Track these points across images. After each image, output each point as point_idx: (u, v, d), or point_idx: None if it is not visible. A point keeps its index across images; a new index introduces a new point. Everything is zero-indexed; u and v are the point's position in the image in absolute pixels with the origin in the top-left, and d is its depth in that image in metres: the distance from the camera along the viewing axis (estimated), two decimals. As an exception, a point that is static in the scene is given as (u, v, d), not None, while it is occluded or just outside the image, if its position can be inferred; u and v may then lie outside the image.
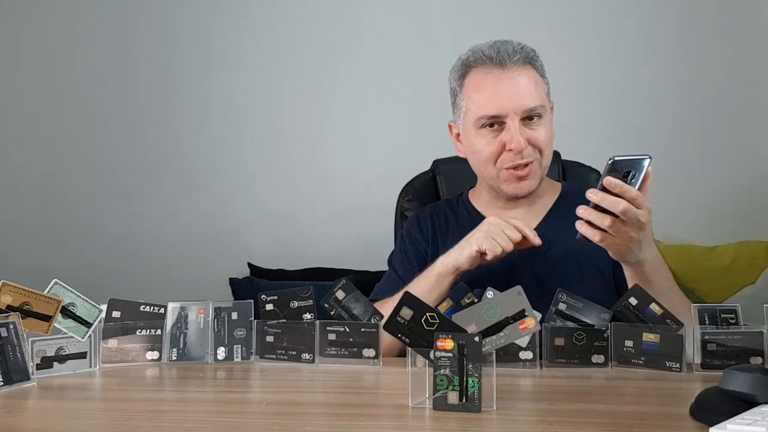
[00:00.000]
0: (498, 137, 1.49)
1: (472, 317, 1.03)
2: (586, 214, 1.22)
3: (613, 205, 1.19)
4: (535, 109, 1.48)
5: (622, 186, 1.19)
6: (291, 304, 1.32)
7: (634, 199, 1.20)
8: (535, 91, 1.49)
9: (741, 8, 2.96)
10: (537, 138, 1.49)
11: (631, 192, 1.20)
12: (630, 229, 1.22)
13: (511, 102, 1.47)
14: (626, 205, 1.19)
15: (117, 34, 3.27)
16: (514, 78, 1.48)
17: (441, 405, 0.94)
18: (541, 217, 1.58)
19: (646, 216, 1.22)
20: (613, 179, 1.19)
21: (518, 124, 1.47)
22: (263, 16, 3.21)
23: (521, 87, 1.48)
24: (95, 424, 0.99)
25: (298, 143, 3.18)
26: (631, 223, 1.21)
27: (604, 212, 1.21)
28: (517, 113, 1.47)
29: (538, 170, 1.52)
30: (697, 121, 2.96)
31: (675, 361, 1.17)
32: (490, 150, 1.50)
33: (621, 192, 1.19)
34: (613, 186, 1.19)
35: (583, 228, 1.23)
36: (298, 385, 1.17)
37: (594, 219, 1.22)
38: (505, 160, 1.50)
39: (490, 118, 1.49)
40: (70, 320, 1.24)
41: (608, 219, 1.21)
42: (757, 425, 0.76)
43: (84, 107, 3.28)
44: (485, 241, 1.38)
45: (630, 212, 1.20)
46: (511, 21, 2.90)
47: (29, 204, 3.26)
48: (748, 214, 2.89)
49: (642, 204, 1.21)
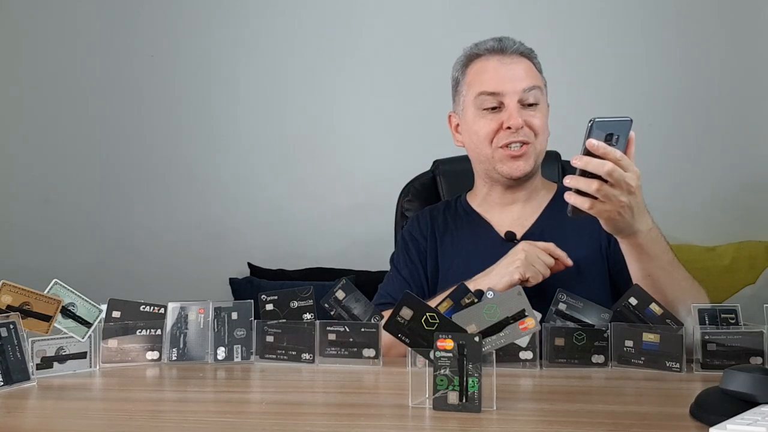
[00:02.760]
0: (497, 117, 1.54)
1: (472, 317, 1.03)
2: (573, 182, 1.18)
3: (598, 167, 1.15)
4: (532, 92, 1.53)
5: (605, 147, 1.15)
6: (291, 304, 1.32)
7: (618, 160, 1.16)
8: (534, 79, 1.56)
9: (741, 8, 2.97)
10: (533, 121, 1.53)
11: (615, 153, 1.16)
12: (619, 192, 1.18)
13: (510, 83, 1.53)
14: (611, 166, 1.15)
15: (117, 34, 3.27)
16: (514, 63, 1.55)
17: (441, 405, 0.94)
18: (536, 215, 1.60)
19: (634, 179, 1.18)
20: (596, 141, 1.15)
21: (516, 104, 1.52)
22: (264, 16, 3.21)
23: (520, 72, 1.55)
24: (95, 424, 0.99)
25: (299, 143, 3.18)
26: (618, 185, 1.17)
27: (591, 178, 1.17)
28: (516, 93, 1.52)
29: (533, 153, 1.55)
30: (696, 122, 2.96)
31: (675, 361, 1.17)
32: (488, 128, 1.54)
33: (604, 153, 1.15)
34: (595, 148, 1.15)
35: (572, 198, 1.19)
36: (298, 385, 1.17)
37: (581, 185, 1.17)
38: (501, 138, 1.54)
39: (489, 94, 1.54)
40: (70, 320, 1.24)
41: (595, 183, 1.16)
42: (757, 425, 0.76)
43: (84, 107, 3.28)
44: (528, 269, 1.38)
45: (616, 173, 1.15)
46: (511, 21, 2.90)
47: (29, 204, 3.27)
48: (748, 214, 2.90)
49: (628, 166, 1.17)
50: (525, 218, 1.60)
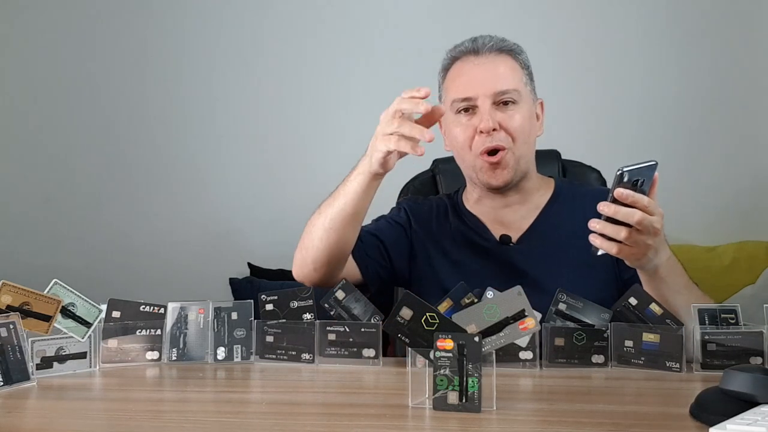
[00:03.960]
0: (471, 122, 1.50)
1: (472, 317, 1.03)
2: (599, 227, 1.20)
3: (628, 216, 1.17)
4: (506, 93, 1.49)
5: (633, 196, 1.17)
6: (291, 304, 1.32)
7: (646, 207, 1.19)
8: (510, 76, 1.50)
9: (741, 9, 2.96)
10: (509, 123, 1.48)
11: (643, 200, 1.18)
12: (646, 237, 1.20)
13: (481, 85, 1.49)
14: (641, 215, 1.18)
15: (121, 34, 3.27)
16: (487, 63, 1.51)
17: (441, 405, 0.94)
18: (533, 218, 1.57)
19: (659, 221, 1.21)
20: (625, 190, 1.17)
21: (489, 106, 1.48)
22: (266, 17, 3.21)
23: (493, 72, 1.50)
24: (95, 424, 0.99)
25: (298, 143, 3.18)
26: (646, 231, 1.20)
27: (617, 223, 1.19)
28: (487, 96, 1.48)
29: (511, 160, 1.50)
30: (696, 122, 2.96)
31: (675, 361, 1.17)
32: (464, 135, 1.51)
33: (633, 202, 1.17)
34: (625, 197, 1.17)
35: (597, 241, 1.21)
36: (298, 385, 1.17)
37: (609, 232, 1.19)
38: (477, 144, 1.50)
39: (462, 101, 1.50)
40: (70, 320, 1.24)
41: (624, 230, 1.19)
42: (757, 425, 0.76)
43: (85, 107, 3.28)
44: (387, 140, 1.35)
45: (645, 221, 1.18)
46: (512, 21, 2.88)
47: (30, 204, 3.26)
48: (748, 214, 2.89)
49: (654, 210, 1.20)
50: (521, 221, 1.57)
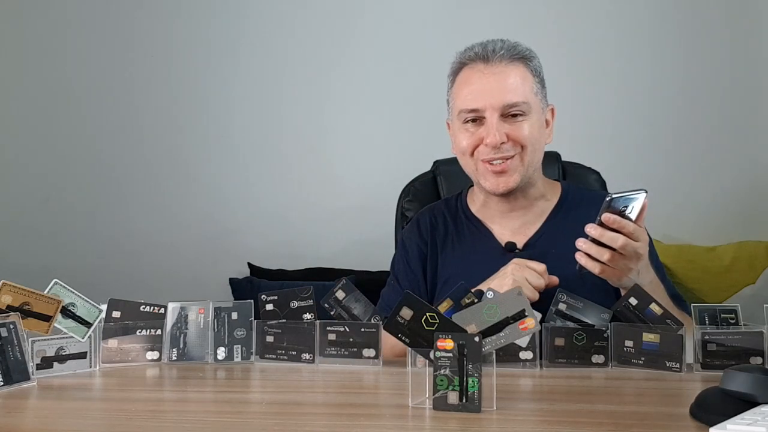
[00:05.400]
0: (478, 131, 1.50)
1: (472, 317, 1.03)
2: (585, 247, 1.26)
3: (612, 240, 1.24)
4: (516, 105, 1.47)
5: (620, 222, 1.23)
6: (291, 304, 1.31)
7: (631, 233, 1.24)
8: (520, 87, 1.48)
9: (742, 10, 2.97)
10: (518, 134, 1.47)
11: (629, 227, 1.24)
12: (628, 262, 1.27)
13: (490, 97, 1.47)
14: (624, 240, 1.24)
15: (117, 34, 3.27)
16: (497, 74, 1.48)
17: (441, 405, 0.94)
18: (539, 224, 1.56)
19: (643, 248, 1.26)
20: (612, 215, 1.23)
21: (497, 119, 1.46)
22: (262, 16, 3.21)
23: (503, 83, 1.47)
24: (95, 424, 0.99)
25: (299, 144, 3.18)
26: (629, 256, 1.26)
27: (603, 245, 1.25)
28: (495, 108, 1.46)
29: (518, 166, 1.49)
30: (697, 122, 2.96)
31: (675, 361, 1.17)
32: (467, 143, 1.51)
33: (619, 227, 1.24)
34: (611, 222, 1.23)
35: (583, 260, 1.27)
36: (298, 385, 1.17)
37: (594, 253, 1.26)
38: (481, 153, 1.50)
39: (469, 112, 1.49)
40: (70, 320, 1.24)
41: (607, 253, 1.25)
42: (757, 425, 0.76)
43: (85, 108, 3.29)
44: None
45: (629, 246, 1.24)
46: (512, 21, 2.90)
47: (29, 204, 3.27)
48: (748, 214, 2.90)
49: (639, 237, 1.25)
50: (526, 227, 1.56)
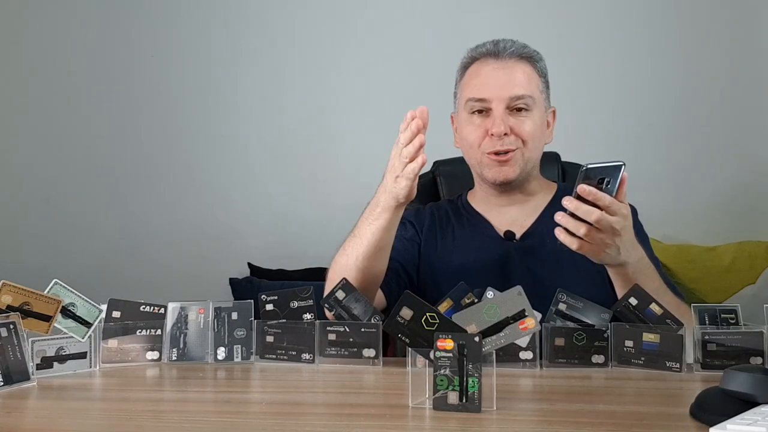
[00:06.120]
0: (484, 123, 1.55)
1: (472, 317, 1.03)
2: (563, 221, 1.23)
3: (587, 213, 1.21)
4: (521, 98, 1.53)
5: (595, 193, 1.20)
6: (291, 304, 1.32)
7: (608, 206, 1.21)
8: (527, 83, 1.54)
9: (741, 10, 2.97)
10: (520, 128, 1.53)
11: (605, 199, 1.20)
12: (605, 236, 1.23)
13: (498, 89, 1.53)
14: (599, 214, 1.20)
15: (117, 34, 3.27)
16: (506, 68, 1.55)
17: (441, 405, 0.94)
18: (535, 217, 1.62)
19: (620, 222, 1.22)
20: (587, 186, 1.20)
21: (503, 111, 1.53)
22: (264, 16, 3.21)
23: (510, 76, 1.54)
24: (95, 424, 0.99)
25: (299, 143, 3.18)
26: (605, 231, 1.22)
27: (580, 220, 1.22)
28: (502, 100, 1.52)
29: (519, 159, 1.55)
30: (696, 122, 2.96)
31: (675, 361, 1.17)
32: (475, 134, 1.56)
33: (594, 199, 1.20)
34: (586, 194, 1.20)
35: (561, 235, 1.25)
36: (298, 385, 1.17)
37: (570, 227, 1.23)
38: (487, 145, 1.55)
39: (477, 101, 1.55)
40: (70, 320, 1.24)
41: (583, 227, 1.22)
42: (757, 425, 0.76)
43: (85, 107, 3.28)
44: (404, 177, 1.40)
45: (603, 221, 1.21)
46: (513, 21, 2.90)
47: (30, 204, 3.26)
48: (748, 214, 2.90)
49: (616, 211, 1.22)
50: (523, 219, 1.62)
